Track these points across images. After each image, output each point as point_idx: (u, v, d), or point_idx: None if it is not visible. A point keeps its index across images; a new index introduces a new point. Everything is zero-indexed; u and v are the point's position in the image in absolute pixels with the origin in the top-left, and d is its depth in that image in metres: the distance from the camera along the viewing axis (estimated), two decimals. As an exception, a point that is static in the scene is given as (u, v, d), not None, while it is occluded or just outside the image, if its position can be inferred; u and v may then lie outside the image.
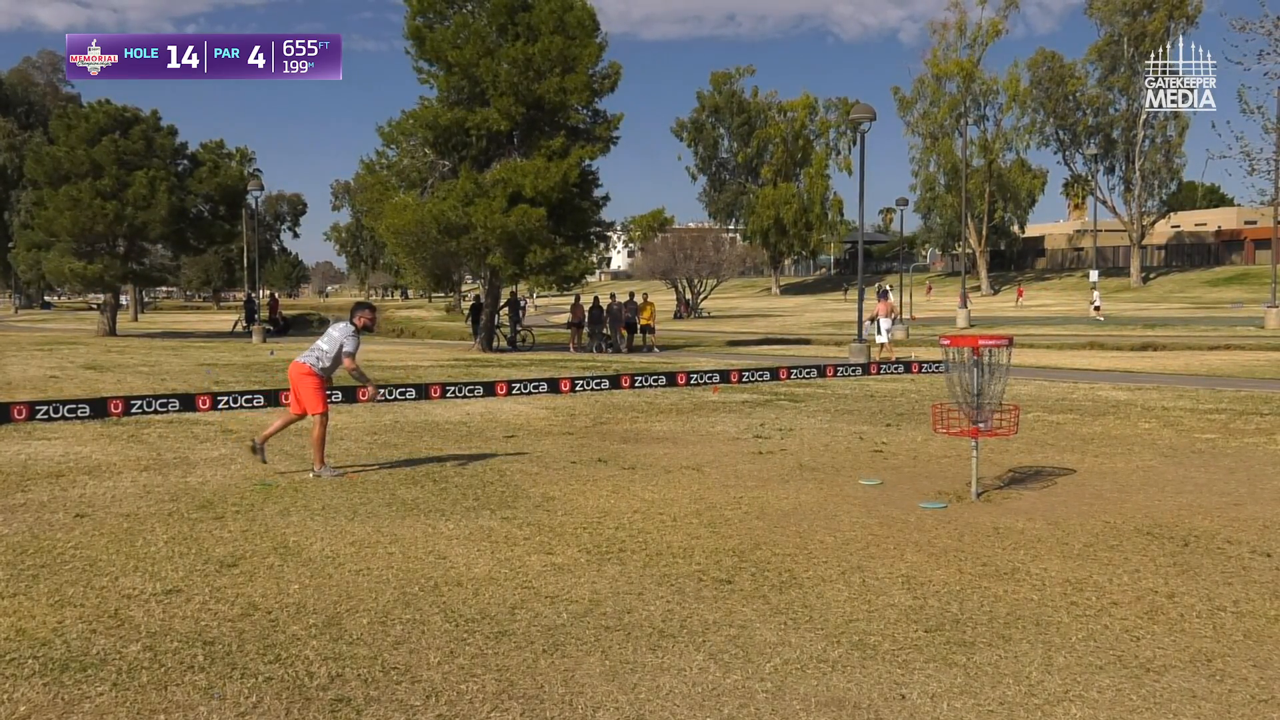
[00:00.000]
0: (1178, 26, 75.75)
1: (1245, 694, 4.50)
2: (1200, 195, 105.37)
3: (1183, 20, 75.58)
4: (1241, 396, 16.54)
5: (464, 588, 6.14)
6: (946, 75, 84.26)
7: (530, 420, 14.19)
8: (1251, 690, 4.54)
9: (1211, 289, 71.19)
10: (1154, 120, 78.29)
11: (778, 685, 4.64)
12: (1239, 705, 4.38)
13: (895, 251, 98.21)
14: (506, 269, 30.80)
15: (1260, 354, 27.43)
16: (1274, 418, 13.83)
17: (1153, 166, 78.46)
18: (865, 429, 13.14)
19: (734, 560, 6.75)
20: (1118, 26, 76.66)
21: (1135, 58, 76.19)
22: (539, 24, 29.77)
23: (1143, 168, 78.15)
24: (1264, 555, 6.79)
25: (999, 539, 7.29)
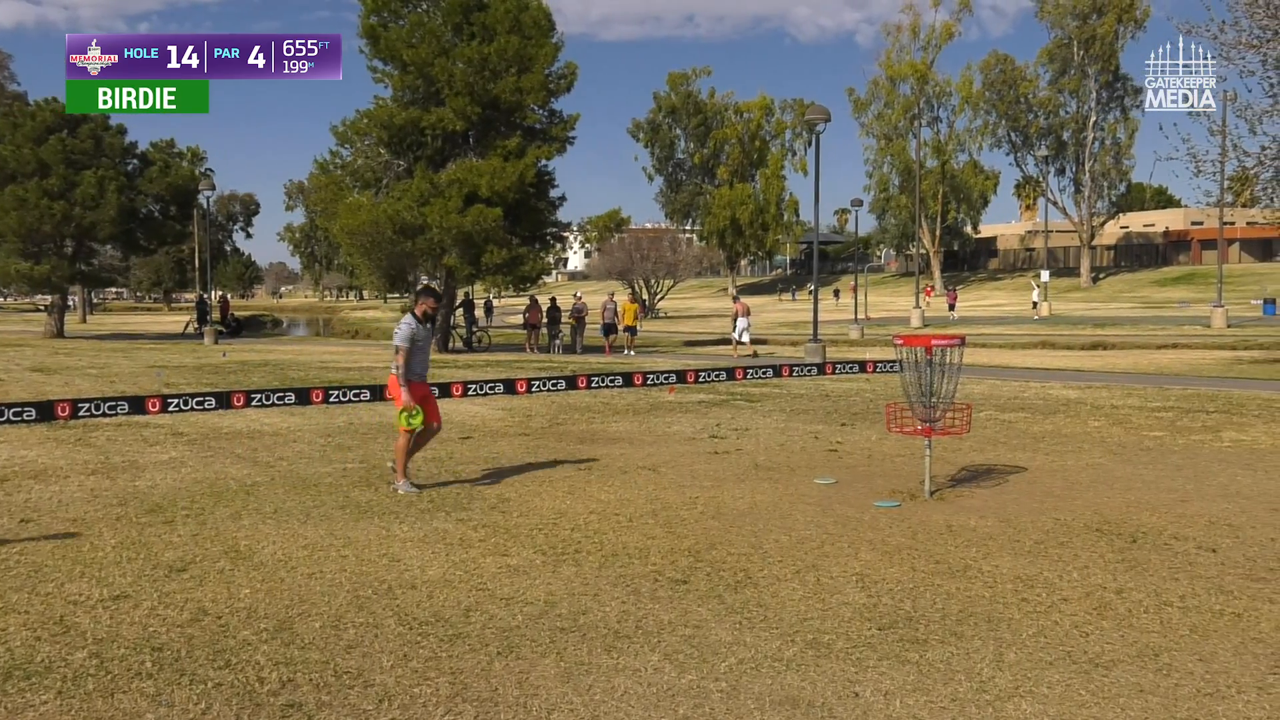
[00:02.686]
0: (1126, 30, 76.99)
1: (1191, 688, 4.57)
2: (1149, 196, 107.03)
3: (1131, 24, 76.77)
4: (1188, 394, 16.81)
5: (418, 590, 6.10)
6: (900, 77, 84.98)
7: (486, 421, 14.12)
8: (1197, 684, 4.61)
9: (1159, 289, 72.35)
10: (1103, 123, 79.46)
11: (733, 685, 4.65)
12: (1185, 699, 4.45)
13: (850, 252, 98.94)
14: (462, 270, 30.68)
15: (1206, 352, 27.92)
16: (1219, 415, 14.08)
17: (1102, 168, 79.56)
18: (820, 428, 13.21)
19: (689, 560, 6.76)
20: (1068, 30, 77.65)
21: (1085, 61, 77.31)
22: (494, 24, 29.68)
23: (1093, 169, 79.24)
24: (1209, 551, 6.90)
25: (952, 537, 7.36)
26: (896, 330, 34.02)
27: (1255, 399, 16.06)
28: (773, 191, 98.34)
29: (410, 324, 9.24)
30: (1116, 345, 31.44)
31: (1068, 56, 78.22)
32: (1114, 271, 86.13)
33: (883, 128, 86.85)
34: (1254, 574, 6.34)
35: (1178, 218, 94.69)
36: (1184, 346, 30.20)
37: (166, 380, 20.19)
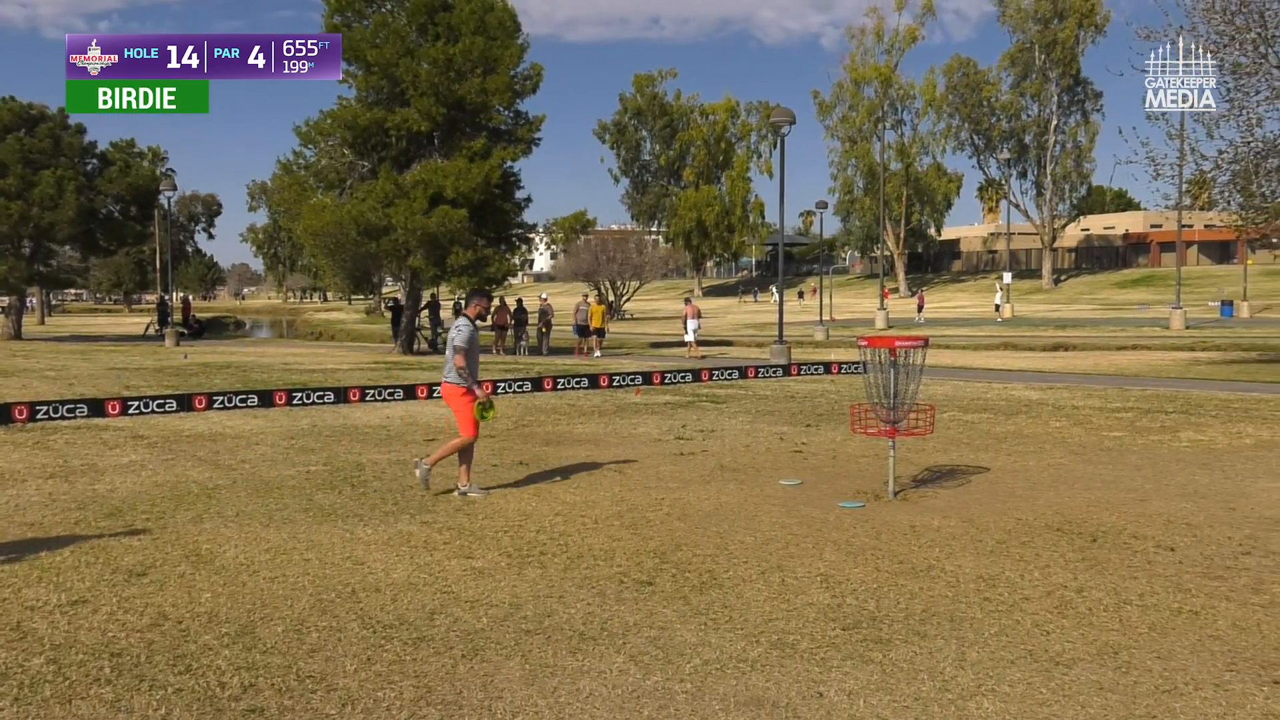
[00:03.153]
0: (1087, 35, 77.89)
1: (1149, 685, 4.63)
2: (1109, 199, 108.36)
3: (1092, 29, 77.67)
4: (1147, 395, 17.02)
5: (382, 594, 6.07)
6: (865, 80, 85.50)
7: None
8: (1155, 681, 4.67)
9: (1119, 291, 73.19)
10: (1065, 126, 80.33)
11: (698, 686, 4.66)
12: (1143, 696, 4.50)
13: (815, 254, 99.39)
14: (428, 271, 30.55)
15: (1165, 354, 28.27)
16: (1178, 415, 14.26)
17: (1063, 171, 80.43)
18: (786, 430, 13.26)
19: (655, 562, 6.76)
20: (1030, 34, 78.43)
21: (1047, 65, 78.11)
22: (460, 24, 29.57)
23: (1054, 172, 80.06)
24: (1168, 550, 6.99)
25: (915, 537, 7.40)
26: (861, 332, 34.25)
27: (1212, 400, 16.28)
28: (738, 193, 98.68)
29: (468, 326, 9.18)
30: (1077, 346, 31.78)
31: (1029, 60, 79.01)
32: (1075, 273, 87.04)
33: (847, 130, 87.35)
34: (1211, 572, 6.43)
35: (1137, 220, 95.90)
36: (1143, 348, 30.57)
37: (127, 383, 19.96)
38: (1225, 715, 4.29)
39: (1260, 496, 8.77)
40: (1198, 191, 27.66)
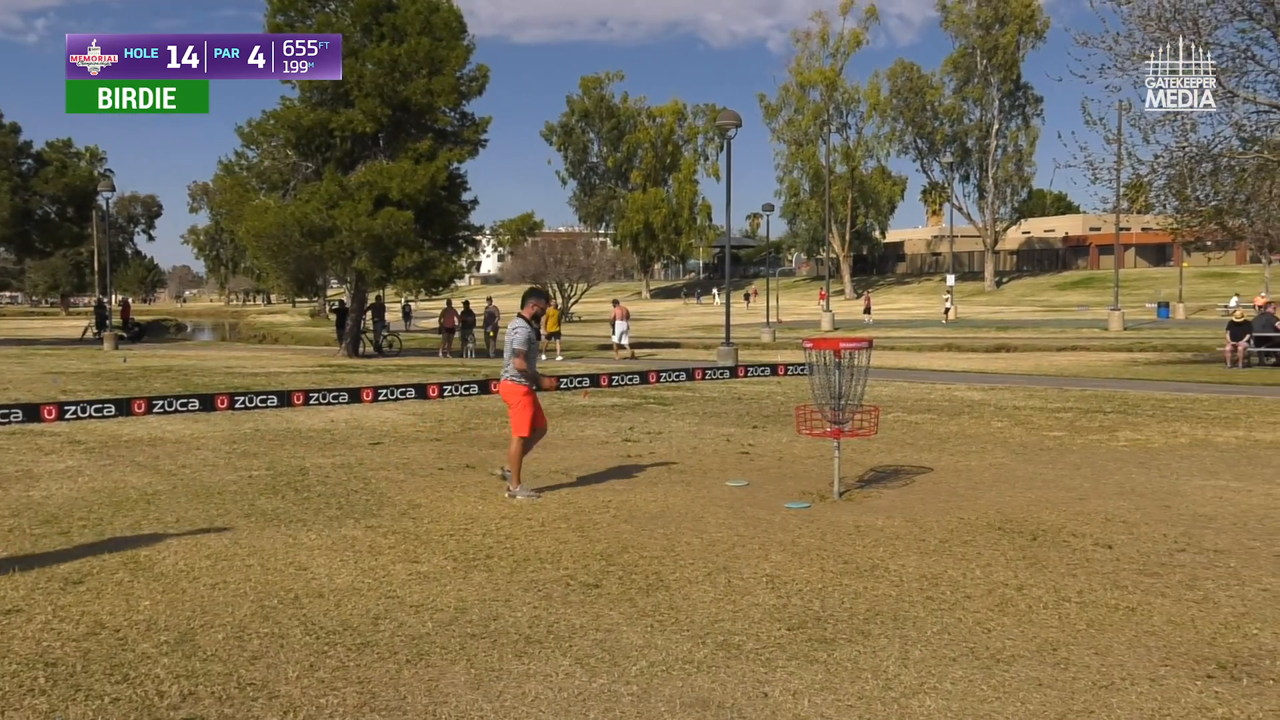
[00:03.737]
0: (1027, 41, 79.17)
1: (1087, 681, 4.70)
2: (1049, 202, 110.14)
3: (1032, 35, 78.97)
4: (1086, 395, 17.31)
5: (325, 599, 6.00)
6: (810, 84, 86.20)
7: (397, 426, 13.96)
8: (1093, 677, 4.75)
9: (1060, 293, 74.40)
10: (1006, 130, 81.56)
11: (644, 688, 4.66)
12: (1081, 692, 4.58)
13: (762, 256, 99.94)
14: (373, 273, 30.30)
15: (1104, 355, 28.79)
16: (1116, 415, 14.52)
17: (1005, 175, 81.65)
18: (733, 431, 13.32)
19: (601, 564, 6.76)
20: (972, 40, 79.57)
21: (989, 70, 79.24)
22: (405, 25, 29.38)
23: (996, 176, 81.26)
24: (1106, 547, 7.11)
25: (860, 537, 7.47)
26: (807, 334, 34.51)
27: (1149, 399, 16.60)
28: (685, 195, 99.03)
29: (525, 326, 9.17)
30: (1019, 348, 32.27)
31: (971, 65, 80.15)
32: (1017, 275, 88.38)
33: (793, 133, 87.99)
34: (1147, 569, 6.55)
35: (1077, 223, 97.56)
36: (1083, 349, 31.11)
37: (64, 387, 19.58)
38: (1160, 709, 4.38)
39: (1194, 494, 8.95)
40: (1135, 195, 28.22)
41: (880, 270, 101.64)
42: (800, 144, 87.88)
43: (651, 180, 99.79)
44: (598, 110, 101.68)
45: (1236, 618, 5.57)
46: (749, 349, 32.45)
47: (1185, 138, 21.98)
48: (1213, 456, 11.07)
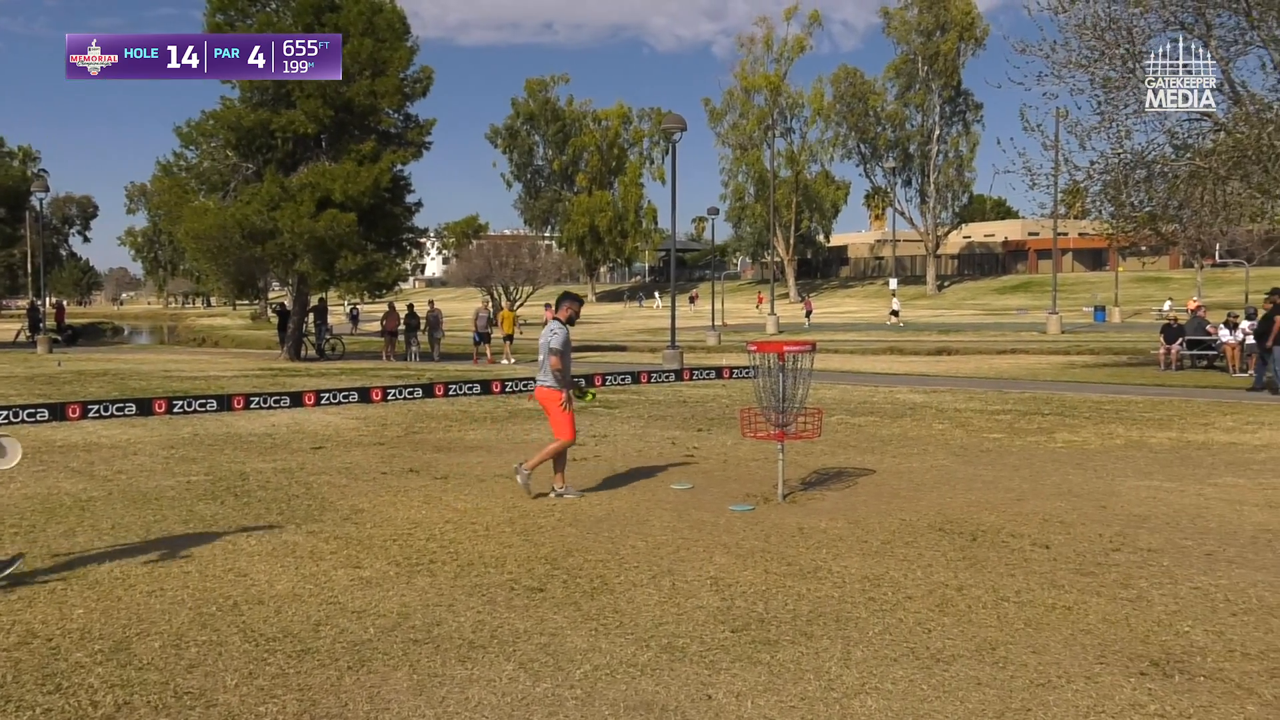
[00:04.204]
0: (968, 48, 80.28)
1: (1025, 679, 4.78)
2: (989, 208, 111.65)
3: (972, 42, 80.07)
4: (1025, 398, 17.59)
5: (265, 606, 5.93)
6: (755, 88, 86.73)
7: (339, 431, 13.82)
8: (1030, 675, 4.82)
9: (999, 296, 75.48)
10: (947, 136, 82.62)
11: (587, 691, 4.66)
12: (1019, 690, 4.65)
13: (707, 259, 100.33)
14: (315, 275, 29.98)
15: (1042, 357, 29.27)
16: (1054, 417, 14.76)
17: (946, 180, 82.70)
18: (678, 434, 13.35)
19: (546, 568, 6.74)
20: (913, 46, 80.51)
21: (930, 76, 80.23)
22: (347, 25, 29.11)
23: (937, 181, 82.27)
24: (1044, 547, 7.23)
25: (803, 539, 7.52)
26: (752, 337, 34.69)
27: (1086, 401, 16.90)
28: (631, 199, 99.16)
29: (563, 328, 9.23)
30: (960, 351, 32.69)
31: (913, 72, 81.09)
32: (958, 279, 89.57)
33: (738, 137, 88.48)
34: (1084, 569, 6.67)
35: (1016, 228, 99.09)
36: (1022, 352, 31.59)
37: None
38: (1095, 706, 4.46)
39: (1129, 495, 9.13)
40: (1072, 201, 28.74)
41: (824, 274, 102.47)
42: (745, 148, 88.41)
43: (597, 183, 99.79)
44: (543, 113, 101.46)
45: (1169, 616, 5.69)
46: (694, 352, 32.56)
47: (1120, 145, 22.44)
48: (1147, 457, 11.29)
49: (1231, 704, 4.46)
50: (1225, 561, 6.82)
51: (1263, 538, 7.48)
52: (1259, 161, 20.48)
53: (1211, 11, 21.03)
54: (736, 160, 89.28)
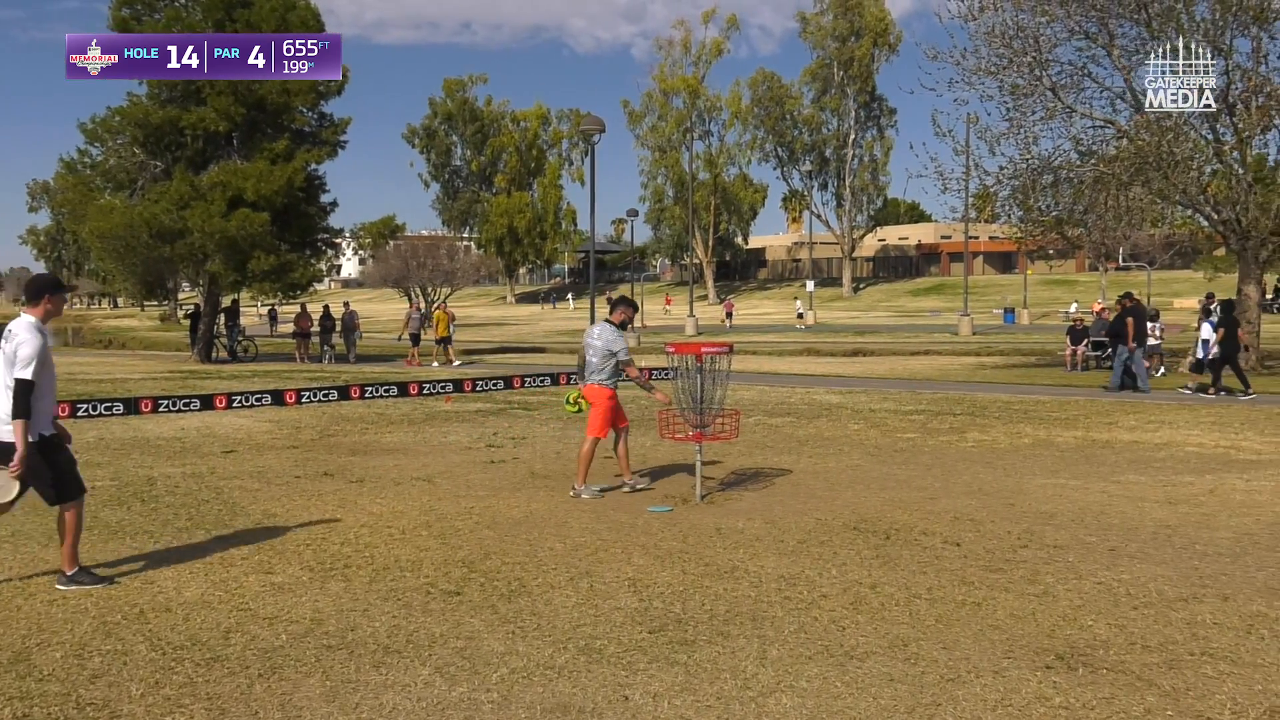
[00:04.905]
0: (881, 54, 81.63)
1: (936, 675, 4.86)
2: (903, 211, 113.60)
3: (885, 48, 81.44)
4: (938, 398, 17.92)
5: (173, 613, 5.79)
6: (673, 91, 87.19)
7: (252, 434, 13.56)
8: (941, 671, 4.91)
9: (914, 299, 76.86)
10: (862, 140, 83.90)
11: (504, 695, 4.63)
12: (930, 685, 4.73)
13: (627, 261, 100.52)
14: (227, 276, 29.36)
15: (954, 358, 29.84)
16: (965, 417, 15.06)
17: (861, 184, 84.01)
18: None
19: (463, 571, 6.69)
20: (829, 51, 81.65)
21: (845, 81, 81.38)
22: (259, 22, 28.55)
23: (852, 185, 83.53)
24: (954, 545, 7.37)
25: (721, 539, 7.57)
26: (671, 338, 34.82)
27: (996, 401, 17.28)
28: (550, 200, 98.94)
29: (619, 332, 9.43)
30: (875, 352, 33.19)
31: (829, 77, 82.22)
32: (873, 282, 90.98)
33: (657, 140, 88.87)
34: (993, 565, 6.81)
35: (929, 232, 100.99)
36: (935, 353, 32.18)
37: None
38: (1003, 700, 4.56)
39: (1037, 492, 9.35)
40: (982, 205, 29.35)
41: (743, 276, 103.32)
42: (664, 150, 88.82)
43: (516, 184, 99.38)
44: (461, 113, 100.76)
45: (1074, 610, 5.84)
46: (613, 354, 32.54)
47: (1028, 150, 22.99)
48: (1054, 456, 11.58)
49: (1132, 695, 4.59)
50: (1127, 557, 7.02)
51: (1162, 533, 7.72)
52: (1159, 168, 21.13)
53: (1114, 22, 21.67)
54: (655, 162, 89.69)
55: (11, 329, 6.13)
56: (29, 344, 6.05)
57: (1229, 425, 14.06)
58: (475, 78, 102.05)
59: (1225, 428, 13.82)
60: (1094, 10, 21.53)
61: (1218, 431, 13.46)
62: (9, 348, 6.06)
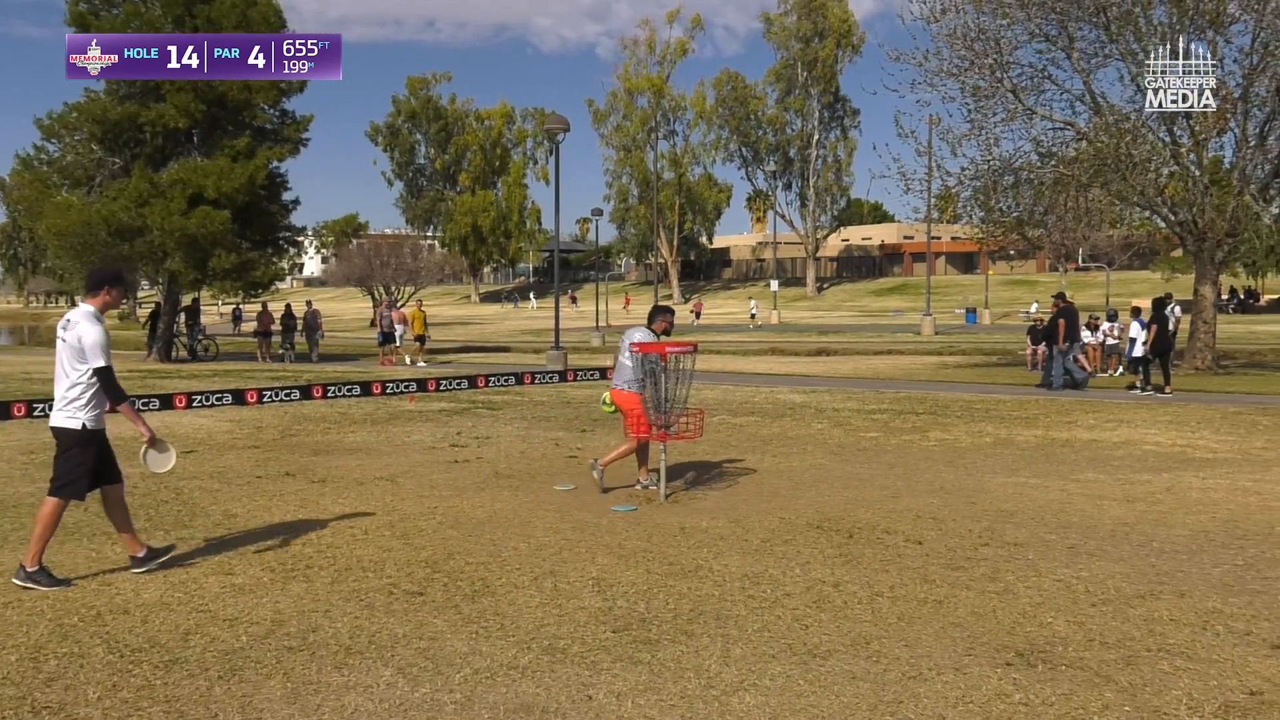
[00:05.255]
0: (845, 55, 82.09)
1: (898, 672, 4.90)
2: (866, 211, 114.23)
3: (849, 49, 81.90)
4: (901, 397, 18.04)
5: (131, 615, 5.72)
6: (638, 90, 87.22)
7: (212, 434, 13.43)
8: (903, 669, 4.95)
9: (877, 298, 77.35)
10: (826, 141, 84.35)
11: (467, 695, 4.61)
12: (892, 683, 4.76)
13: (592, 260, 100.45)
14: (187, 274, 29.04)
15: (917, 358, 30.05)
16: (927, 416, 15.18)
17: (825, 184, 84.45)
18: (561, 435, 13.33)
19: (426, 571, 6.66)
20: (793, 52, 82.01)
21: (809, 82, 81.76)
22: (220, 18, 28.27)
23: (816, 185, 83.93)
24: (916, 543, 7.42)
25: (685, 538, 7.58)
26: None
27: (958, 401, 17.42)
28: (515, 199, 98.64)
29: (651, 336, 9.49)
30: (838, 351, 33.36)
31: (793, 77, 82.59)
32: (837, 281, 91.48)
33: (621, 139, 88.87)
34: (954, 563, 6.87)
35: (892, 232, 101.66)
36: (897, 352, 32.40)
37: None
38: (964, 697, 4.59)
39: (997, 491, 9.44)
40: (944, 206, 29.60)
41: (707, 275, 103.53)
42: (629, 150, 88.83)
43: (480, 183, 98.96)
44: (424, 111, 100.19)
45: (1033, 607, 5.90)
46: (579, 353, 32.54)
47: (989, 152, 23.22)
48: (1014, 454, 11.70)
49: (1090, 691, 4.64)
50: (1086, 554, 7.10)
51: (1121, 531, 7.82)
52: (1118, 170, 21.40)
53: (1074, 25, 21.92)
54: (620, 162, 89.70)
55: (71, 318, 6.40)
56: (91, 332, 6.30)
57: (1185, 424, 14.26)
58: (439, 76, 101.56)
59: (1182, 426, 14.01)
60: (1054, 13, 21.77)
61: (1174, 430, 13.65)
62: (71, 336, 6.32)
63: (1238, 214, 21.52)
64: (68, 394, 6.31)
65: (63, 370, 6.34)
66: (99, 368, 6.25)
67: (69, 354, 6.31)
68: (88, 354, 6.25)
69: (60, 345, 6.37)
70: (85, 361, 6.26)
